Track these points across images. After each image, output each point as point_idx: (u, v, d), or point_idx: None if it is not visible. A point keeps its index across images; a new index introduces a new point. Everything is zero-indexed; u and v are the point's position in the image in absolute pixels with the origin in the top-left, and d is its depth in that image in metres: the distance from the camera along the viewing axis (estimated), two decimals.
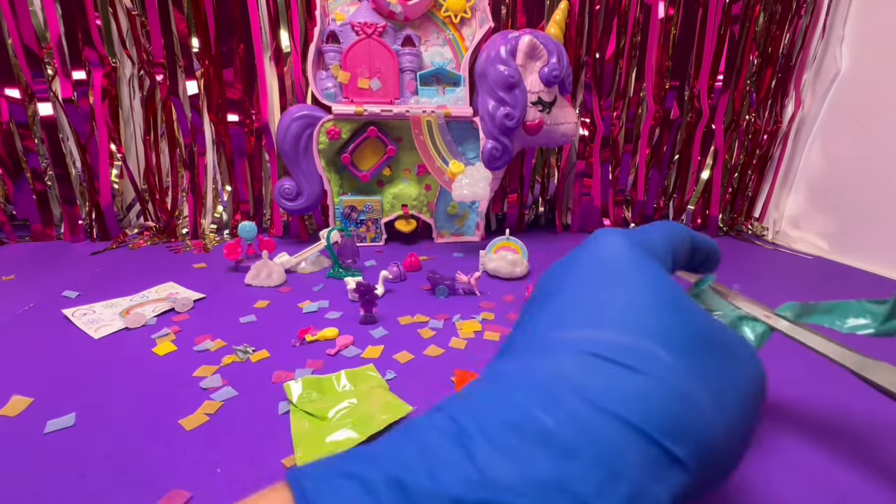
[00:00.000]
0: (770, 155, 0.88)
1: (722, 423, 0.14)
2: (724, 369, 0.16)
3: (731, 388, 0.15)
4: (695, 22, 0.79)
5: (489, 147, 0.67)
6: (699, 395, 0.14)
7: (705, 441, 0.14)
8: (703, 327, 0.16)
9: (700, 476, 0.13)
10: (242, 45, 0.72)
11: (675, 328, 0.15)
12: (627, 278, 0.16)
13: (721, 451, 0.14)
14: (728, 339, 0.17)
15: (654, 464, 0.13)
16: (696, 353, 0.15)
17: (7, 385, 0.34)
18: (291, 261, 0.59)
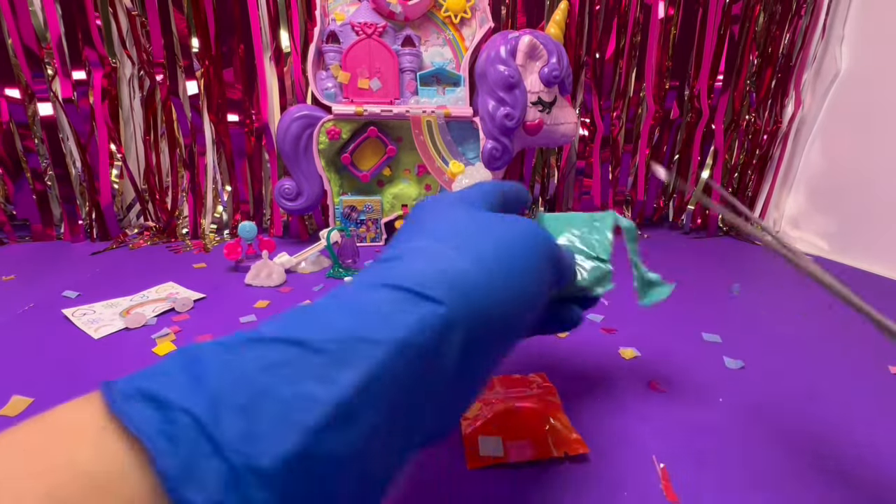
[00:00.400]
0: (770, 155, 0.88)
1: (477, 268, 0.18)
2: (486, 237, 0.20)
3: (490, 247, 0.19)
4: (695, 22, 0.80)
5: (489, 147, 0.67)
6: (452, 255, 0.18)
7: (459, 282, 0.17)
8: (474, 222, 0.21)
9: (465, 310, 0.17)
10: (242, 45, 0.72)
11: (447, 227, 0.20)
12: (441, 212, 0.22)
13: (483, 289, 0.17)
14: (497, 220, 0.21)
15: (404, 301, 0.16)
16: (462, 235, 0.19)
17: (7, 385, 0.34)
18: (291, 261, 0.59)
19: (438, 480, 0.26)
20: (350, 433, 0.13)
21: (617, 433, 0.30)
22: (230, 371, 0.13)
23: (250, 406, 0.12)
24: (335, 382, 0.13)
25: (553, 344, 0.42)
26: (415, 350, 0.15)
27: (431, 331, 0.15)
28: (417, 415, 0.16)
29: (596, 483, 0.26)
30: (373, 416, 0.14)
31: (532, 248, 0.20)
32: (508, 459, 0.27)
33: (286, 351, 0.14)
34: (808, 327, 0.48)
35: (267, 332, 0.15)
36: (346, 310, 0.16)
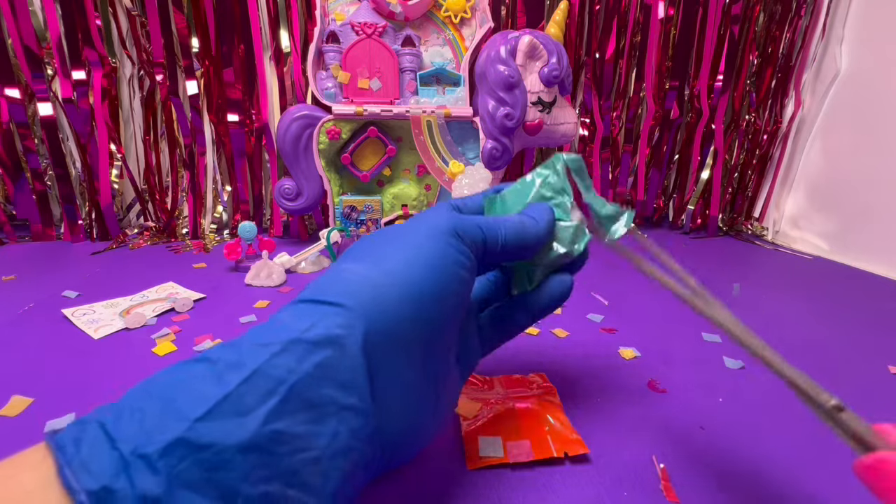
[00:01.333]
0: (770, 155, 0.88)
1: (375, 270, 0.19)
2: (385, 241, 0.21)
3: (388, 249, 0.21)
4: (695, 22, 0.80)
5: (489, 147, 0.67)
6: (356, 266, 0.20)
7: (355, 284, 0.19)
8: (380, 234, 0.22)
9: (361, 305, 0.18)
10: (242, 45, 0.72)
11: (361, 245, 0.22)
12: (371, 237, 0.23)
13: (379, 285, 0.19)
14: (400, 226, 0.22)
15: (304, 309, 0.18)
16: (367, 247, 0.21)
17: (7, 385, 0.34)
18: (291, 261, 0.59)
19: (438, 480, 0.26)
20: (238, 424, 0.14)
21: (617, 433, 0.30)
22: (143, 388, 0.15)
23: (147, 408, 0.14)
24: (223, 380, 0.15)
25: (553, 344, 0.42)
26: (306, 346, 0.16)
27: (324, 328, 0.17)
28: (335, 409, 0.16)
29: (596, 483, 0.26)
30: (265, 409, 0.15)
31: (429, 232, 0.21)
32: (508, 459, 0.27)
33: (194, 367, 0.16)
34: (808, 327, 0.48)
35: (189, 359, 0.17)
36: (258, 329, 0.18)
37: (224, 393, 0.14)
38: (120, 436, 0.13)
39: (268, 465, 0.14)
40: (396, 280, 0.19)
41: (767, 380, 0.37)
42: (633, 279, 0.60)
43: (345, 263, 0.20)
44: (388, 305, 0.18)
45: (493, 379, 0.35)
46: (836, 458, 0.28)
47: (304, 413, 0.15)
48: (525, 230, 0.25)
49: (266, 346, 0.16)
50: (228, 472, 0.14)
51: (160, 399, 0.14)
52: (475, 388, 0.33)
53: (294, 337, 0.16)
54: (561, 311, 0.49)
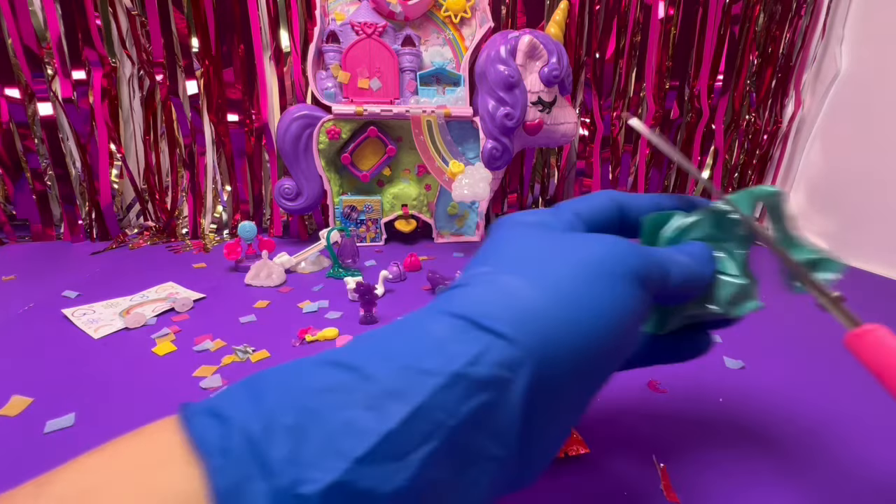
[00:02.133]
0: (770, 155, 0.88)
1: (546, 298, 0.16)
2: (557, 261, 0.17)
3: (563, 272, 0.17)
4: (695, 22, 0.80)
5: (489, 147, 0.67)
6: (519, 283, 0.16)
7: (525, 312, 0.16)
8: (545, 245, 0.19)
9: (532, 344, 0.15)
10: (242, 44, 0.72)
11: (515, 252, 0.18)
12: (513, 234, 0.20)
13: (553, 321, 0.16)
14: (571, 241, 0.19)
15: (462, 330, 0.15)
16: (531, 261, 0.18)
17: (7, 385, 0.34)
18: (291, 261, 0.59)
19: None
20: (396, 469, 0.12)
21: (617, 433, 0.30)
22: (286, 391, 0.13)
23: (298, 428, 0.12)
24: (384, 412, 0.13)
25: None
26: (470, 384, 0.14)
27: (490, 365, 0.14)
28: (481, 458, 0.14)
29: (596, 483, 0.26)
30: (421, 454, 0.13)
31: (613, 269, 0.17)
32: None
33: (339, 375, 0.14)
34: (808, 327, 0.48)
35: (327, 356, 0.15)
36: (404, 336, 0.15)
37: (386, 430, 0.13)
38: (274, 462, 0.12)
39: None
40: (571, 319, 0.16)
41: (767, 379, 0.37)
42: None
43: (505, 275, 0.17)
44: (559, 351, 0.15)
45: None
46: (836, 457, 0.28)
47: (450, 460, 0.14)
48: (693, 277, 0.20)
49: (428, 374, 0.14)
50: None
51: (310, 415, 0.13)
52: None
53: (458, 370, 0.14)
54: None
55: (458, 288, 0.17)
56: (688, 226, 0.22)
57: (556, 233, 0.19)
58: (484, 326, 0.15)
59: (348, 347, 0.15)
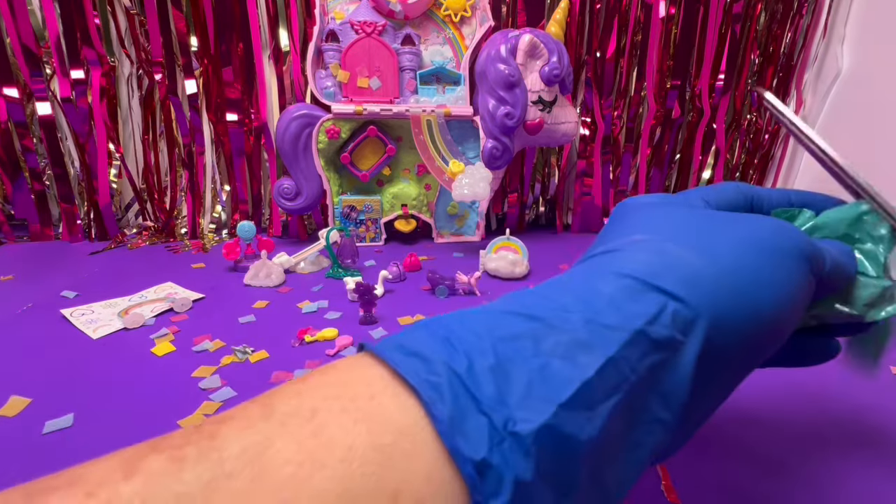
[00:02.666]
0: (771, 154, 0.88)
1: (713, 266, 0.16)
2: (719, 233, 0.17)
3: (727, 244, 0.17)
4: (696, 21, 0.79)
5: (489, 146, 0.67)
6: (680, 251, 0.16)
7: (694, 277, 0.15)
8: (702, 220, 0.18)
9: (705, 308, 0.15)
10: (241, 44, 0.71)
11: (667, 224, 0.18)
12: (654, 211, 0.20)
13: (725, 288, 0.16)
14: (730, 218, 0.18)
15: (634, 290, 0.15)
16: (687, 231, 0.17)
17: (6, 385, 0.33)
18: (291, 261, 0.59)
19: None
20: (589, 417, 0.13)
21: None
22: (476, 336, 0.13)
23: (500, 370, 0.13)
24: (577, 363, 0.13)
25: None
26: (649, 343, 0.14)
27: (666, 326, 0.14)
28: (648, 419, 0.15)
29: None
30: (608, 406, 0.13)
31: (782, 245, 0.17)
32: None
33: (525, 324, 0.14)
34: None
35: (508, 306, 0.15)
36: (575, 294, 0.15)
37: (583, 379, 0.13)
38: (484, 399, 0.12)
39: (591, 466, 0.13)
40: (742, 288, 0.16)
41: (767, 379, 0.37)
42: None
43: (667, 242, 0.17)
44: (730, 319, 0.15)
45: None
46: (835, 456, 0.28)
47: (626, 416, 0.14)
48: (840, 269, 0.20)
49: (612, 329, 0.14)
50: (572, 471, 0.12)
51: (509, 360, 0.13)
52: None
53: (640, 328, 0.14)
54: None
55: (615, 252, 0.17)
56: (820, 224, 0.22)
57: (707, 211, 0.19)
58: (658, 287, 0.15)
59: (512, 300, 0.15)
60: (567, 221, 0.89)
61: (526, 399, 0.12)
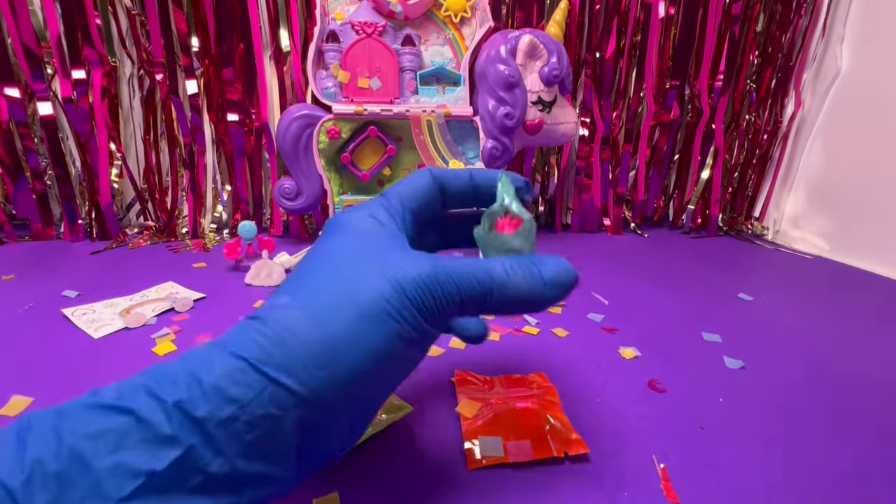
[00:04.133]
0: (770, 155, 0.88)
1: (320, 333, 0.18)
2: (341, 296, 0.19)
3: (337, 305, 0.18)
4: (695, 21, 0.79)
5: (489, 147, 0.67)
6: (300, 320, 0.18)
7: (292, 354, 0.17)
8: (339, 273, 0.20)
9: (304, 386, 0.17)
10: (242, 44, 0.71)
11: (303, 276, 0.20)
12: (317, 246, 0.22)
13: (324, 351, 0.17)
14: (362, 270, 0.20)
15: (240, 372, 0.17)
16: (318, 294, 0.19)
17: (7, 384, 0.34)
18: (291, 260, 0.59)
19: (438, 481, 0.26)
20: (163, 500, 0.14)
21: (617, 433, 0.30)
22: (56, 436, 0.14)
23: (65, 475, 0.13)
24: (154, 456, 0.14)
25: (553, 344, 0.42)
26: (242, 424, 0.16)
27: (265, 405, 0.16)
28: (258, 481, 0.17)
29: (596, 483, 0.26)
30: (188, 487, 0.15)
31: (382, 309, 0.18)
32: (508, 459, 0.27)
33: (115, 419, 0.15)
34: (808, 327, 0.48)
35: (102, 399, 0.16)
36: (186, 373, 0.16)
37: (151, 471, 0.14)
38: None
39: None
40: (341, 357, 0.18)
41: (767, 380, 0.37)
42: (634, 279, 0.60)
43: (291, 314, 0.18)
44: (329, 388, 0.17)
45: (494, 379, 0.35)
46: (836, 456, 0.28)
47: (221, 487, 0.16)
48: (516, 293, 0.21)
49: (201, 421, 0.15)
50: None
51: (79, 460, 0.14)
52: (475, 388, 0.33)
53: (232, 414, 0.16)
54: (561, 311, 0.49)
55: (255, 321, 0.18)
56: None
57: (365, 251, 0.20)
58: (262, 372, 0.17)
59: (128, 384, 0.17)
60: (566, 221, 0.89)
61: (82, 500, 0.13)
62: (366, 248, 0.20)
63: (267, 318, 0.18)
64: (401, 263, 0.19)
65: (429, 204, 0.24)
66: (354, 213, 0.22)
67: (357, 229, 0.21)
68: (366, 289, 0.19)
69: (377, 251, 0.20)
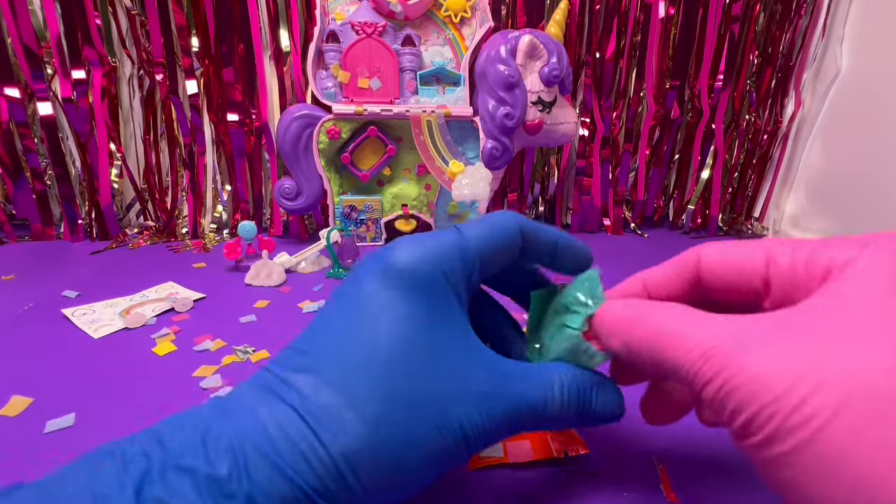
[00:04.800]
0: (770, 155, 0.88)
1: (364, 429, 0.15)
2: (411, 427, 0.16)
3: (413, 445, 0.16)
4: (695, 22, 0.79)
5: (489, 147, 0.67)
6: (340, 409, 0.15)
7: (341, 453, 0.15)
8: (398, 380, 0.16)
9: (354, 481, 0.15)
10: (242, 44, 0.71)
11: (367, 386, 0.16)
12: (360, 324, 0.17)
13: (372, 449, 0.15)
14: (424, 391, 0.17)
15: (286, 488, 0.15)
16: (379, 408, 0.16)
17: (7, 385, 0.34)
18: (291, 260, 0.59)
19: (438, 481, 0.26)
20: None
21: (617, 433, 0.30)
22: (70, 498, 0.13)
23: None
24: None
25: None
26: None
27: None
28: None
29: (596, 484, 0.26)
30: None
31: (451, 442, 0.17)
32: (508, 460, 0.27)
33: None
34: None
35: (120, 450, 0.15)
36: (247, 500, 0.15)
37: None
38: None
39: None
40: (393, 456, 0.16)
41: None
42: None
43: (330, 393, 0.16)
44: (381, 484, 0.16)
45: None
46: None
47: None
48: None
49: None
50: None
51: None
52: None
53: None
54: None
55: (303, 422, 0.16)
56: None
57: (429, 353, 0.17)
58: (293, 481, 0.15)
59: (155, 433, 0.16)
60: (566, 221, 0.89)
61: None
62: (430, 350, 0.17)
63: (299, 392, 0.16)
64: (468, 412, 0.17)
65: (505, 259, 0.21)
66: (424, 257, 0.18)
67: (424, 296, 0.17)
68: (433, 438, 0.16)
69: (443, 359, 0.17)
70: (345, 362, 0.17)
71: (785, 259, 0.16)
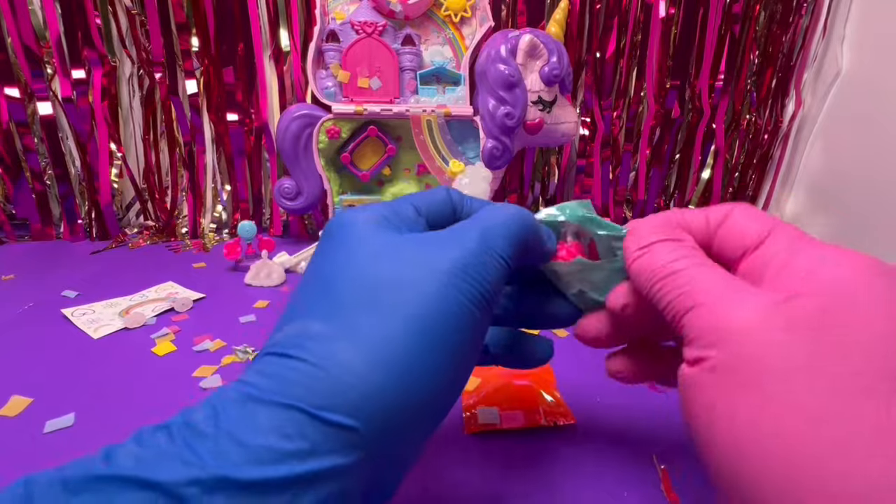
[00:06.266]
0: (770, 154, 0.88)
1: (378, 373, 0.15)
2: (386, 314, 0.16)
3: (394, 329, 0.16)
4: (695, 21, 0.79)
5: (489, 146, 0.67)
6: (349, 357, 0.15)
7: (355, 397, 0.15)
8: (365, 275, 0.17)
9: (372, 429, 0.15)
10: (242, 44, 0.71)
11: (331, 294, 0.17)
12: (329, 255, 0.19)
13: (387, 391, 0.15)
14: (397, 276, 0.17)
15: (297, 424, 0.14)
16: (349, 308, 0.16)
17: (7, 385, 0.34)
18: (291, 260, 0.59)
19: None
20: None
21: (616, 433, 0.30)
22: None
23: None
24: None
25: (553, 344, 0.42)
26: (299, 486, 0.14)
27: (328, 461, 0.14)
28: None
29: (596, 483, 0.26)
30: None
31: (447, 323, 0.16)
32: (502, 426, 0.30)
33: (137, 497, 0.12)
34: None
35: (123, 467, 0.13)
36: (228, 437, 0.14)
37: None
38: None
39: None
40: (409, 394, 0.15)
41: None
42: None
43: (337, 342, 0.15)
44: (398, 425, 0.15)
45: None
46: None
47: None
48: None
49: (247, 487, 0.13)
50: None
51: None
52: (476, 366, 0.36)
53: (288, 474, 0.13)
54: None
55: (288, 360, 0.15)
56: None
57: (397, 238, 0.18)
58: (321, 419, 0.14)
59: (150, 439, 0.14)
60: None
61: None
62: (399, 241, 0.18)
63: (302, 353, 0.15)
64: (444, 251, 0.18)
65: (444, 218, 0.22)
66: (359, 213, 0.19)
67: (367, 221, 0.19)
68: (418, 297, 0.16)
69: (414, 239, 0.18)
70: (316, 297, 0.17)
71: None
